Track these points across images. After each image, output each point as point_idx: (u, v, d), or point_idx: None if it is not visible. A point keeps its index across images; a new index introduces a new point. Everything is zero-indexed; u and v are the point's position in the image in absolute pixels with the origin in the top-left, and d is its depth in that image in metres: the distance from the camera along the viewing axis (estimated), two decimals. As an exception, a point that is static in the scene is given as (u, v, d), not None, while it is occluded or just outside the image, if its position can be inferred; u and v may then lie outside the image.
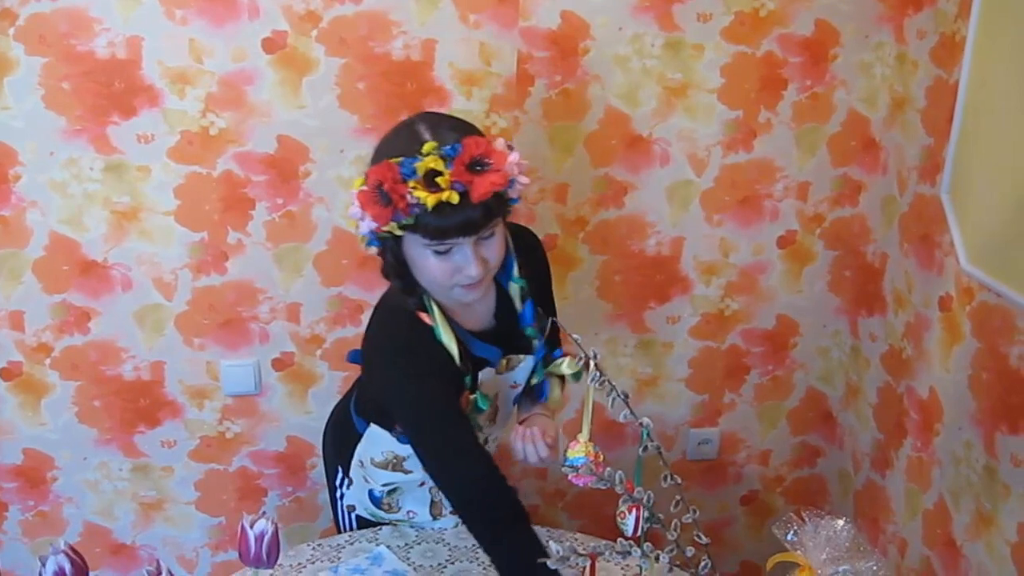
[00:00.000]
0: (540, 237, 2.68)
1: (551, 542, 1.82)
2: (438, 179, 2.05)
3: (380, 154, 2.15)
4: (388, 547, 2.64)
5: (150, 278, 3.15)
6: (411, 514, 2.71)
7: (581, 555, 1.84)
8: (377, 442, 2.57)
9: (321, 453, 2.96)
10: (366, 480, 2.67)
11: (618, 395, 2.01)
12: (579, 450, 2.09)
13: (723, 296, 3.45)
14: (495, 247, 2.20)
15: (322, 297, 3.23)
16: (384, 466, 2.59)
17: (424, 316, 2.30)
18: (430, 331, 2.29)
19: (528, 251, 2.50)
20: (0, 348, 3.16)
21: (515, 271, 2.38)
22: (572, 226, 3.29)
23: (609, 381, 2.01)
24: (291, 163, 3.09)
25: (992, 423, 2.73)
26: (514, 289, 2.41)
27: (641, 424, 2.04)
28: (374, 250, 2.25)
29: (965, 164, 2.84)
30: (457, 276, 2.18)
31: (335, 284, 3.20)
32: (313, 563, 2.57)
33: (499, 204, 2.14)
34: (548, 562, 1.88)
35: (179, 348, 3.23)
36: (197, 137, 3.03)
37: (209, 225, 3.12)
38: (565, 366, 2.30)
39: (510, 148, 2.16)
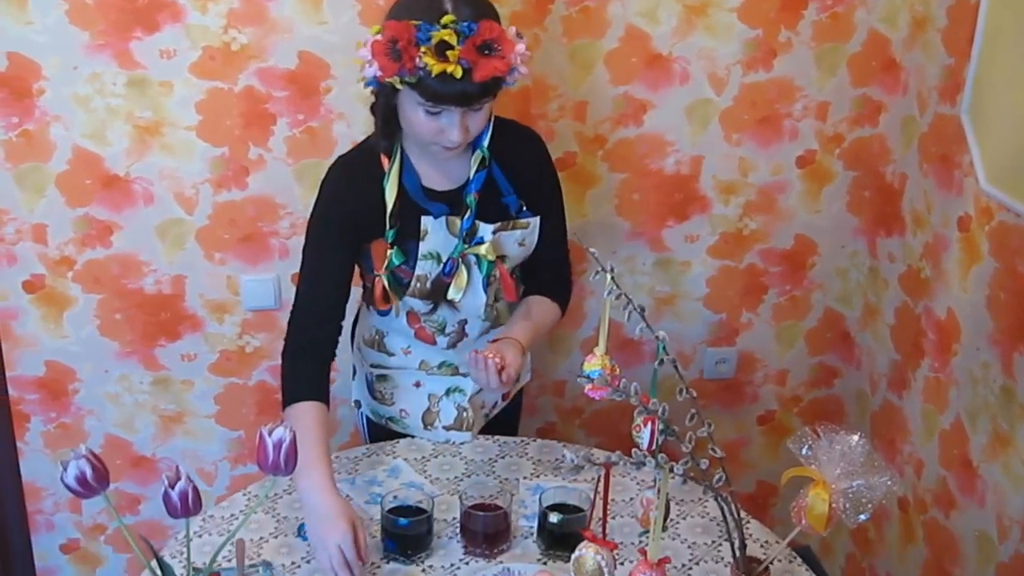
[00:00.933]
0: (559, 155, 2.71)
1: (566, 450, 1.84)
2: (448, 52, 2.19)
3: (401, 9, 2.27)
4: (405, 460, 2.68)
5: (172, 192, 3.16)
6: (403, 413, 2.77)
7: (595, 464, 1.86)
8: (365, 319, 2.74)
9: None
10: (362, 364, 2.79)
11: (634, 308, 2.02)
12: (595, 363, 2.10)
13: (741, 215, 3.46)
14: (481, 118, 2.38)
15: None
16: (371, 344, 2.74)
17: (385, 161, 2.48)
18: (380, 175, 2.48)
19: (522, 148, 2.62)
20: (23, 261, 3.18)
21: (485, 142, 2.48)
22: (591, 144, 3.30)
23: (625, 295, 2.02)
24: (312, 79, 3.10)
25: (1010, 343, 2.75)
26: (476, 156, 2.50)
27: (657, 337, 2.05)
28: (370, 90, 2.39)
29: (986, 84, 2.83)
30: (439, 136, 2.35)
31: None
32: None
33: (495, 85, 2.29)
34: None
35: (200, 262, 3.26)
36: (219, 53, 3.04)
37: (230, 140, 3.14)
38: (483, 249, 2.51)
39: (520, 37, 2.28)
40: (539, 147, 2.66)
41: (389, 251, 2.49)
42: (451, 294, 2.56)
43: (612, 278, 2.03)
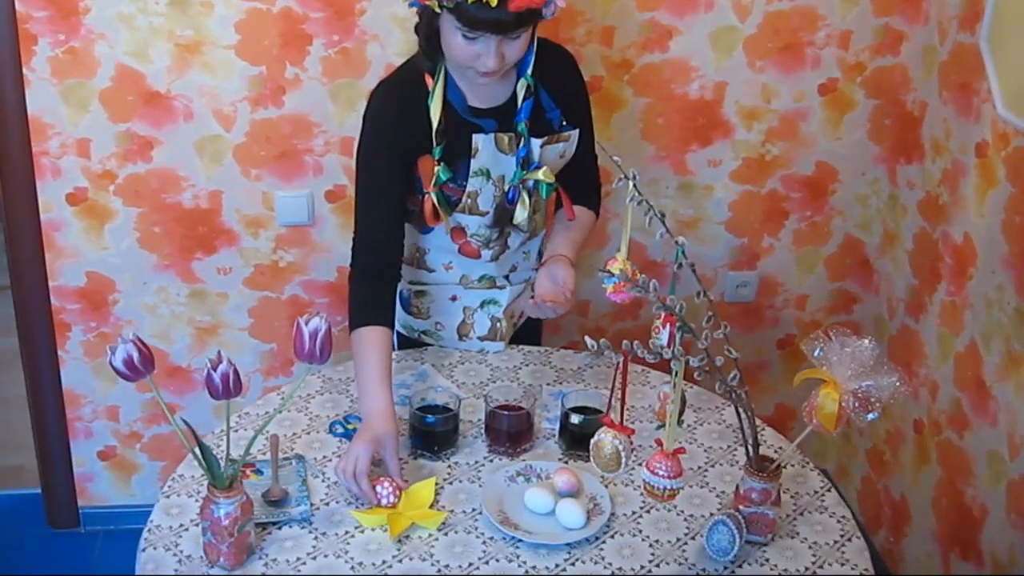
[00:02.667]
0: (587, 79, 2.77)
1: (586, 337, 1.92)
2: None
3: None
4: (433, 366, 2.77)
5: (210, 110, 3.24)
6: (439, 326, 2.85)
7: (614, 351, 1.94)
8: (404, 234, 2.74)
9: None
10: None
11: (655, 215, 2.08)
12: (617, 267, 2.17)
13: (764, 141, 3.52)
14: (518, 47, 2.41)
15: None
16: (410, 261, 2.78)
17: (429, 80, 2.53)
18: (425, 94, 2.53)
19: (557, 66, 2.67)
20: (67, 174, 3.26)
21: (529, 69, 2.54)
22: (617, 68, 3.36)
23: (646, 200, 2.08)
24: (347, 1, 3.16)
25: (1023, 266, 2.81)
26: (521, 84, 2.56)
27: (677, 242, 2.13)
28: (414, 10, 2.45)
29: (1004, 11, 2.88)
30: (475, 62, 2.40)
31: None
32: (362, 377, 2.71)
33: (531, 15, 2.34)
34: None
35: (236, 178, 3.33)
36: (258, -27, 3.11)
37: (268, 60, 3.20)
38: (542, 173, 2.58)
39: None
40: (573, 63, 2.73)
41: (436, 167, 2.55)
42: (517, 218, 2.65)
43: (635, 185, 2.10)
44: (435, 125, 2.52)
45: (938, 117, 3.27)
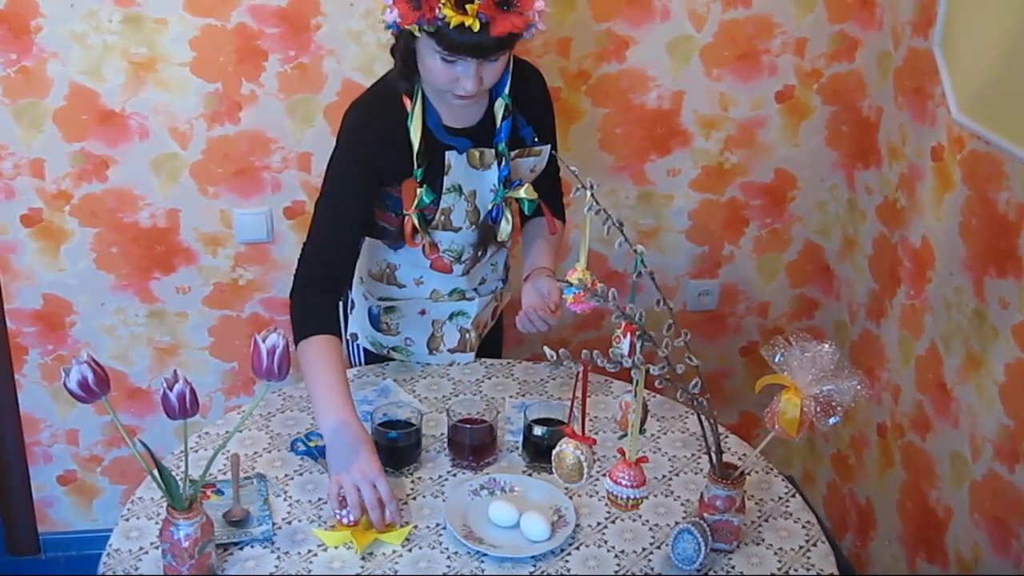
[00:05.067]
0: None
1: (545, 347, 1.91)
2: (468, 5, 2.24)
3: None
4: (394, 381, 2.76)
5: (166, 128, 3.22)
6: (408, 341, 2.83)
7: (574, 362, 1.93)
8: (373, 252, 2.75)
9: None
10: (366, 297, 2.81)
11: (613, 223, 2.07)
12: (576, 277, 2.17)
13: (723, 149, 3.52)
14: (496, 69, 2.41)
15: (332, 146, 3.26)
16: (379, 278, 2.77)
17: (407, 102, 2.51)
18: (402, 116, 2.52)
19: (528, 85, 2.67)
20: (21, 195, 3.24)
21: (506, 90, 2.55)
22: (575, 79, 3.36)
23: (604, 210, 2.08)
24: (302, 16, 3.15)
25: (981, 267, 2.82)
26: (499, 105, 2.57)
27: (636, 251, 2.12)
28: (391, 32, 2.42)
29: (956, 16, 2.90)
30: (454, 85, 2.39)
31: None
32: (324, 395, 2.69)
33: (512, 40, 2.34)
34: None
35: (194, 196, 3.31)
36: (211, -11, 3.10)
37: (223, 76, 3.19)
38: (523, 191, 2.59)
39: None
40: (541, 80, 2.74)
41: (419, 189, 2.54)
42: (502, 236, 2.67)
43: (592, 194, 2.10)
44: (416, 147, 2.51)
45: (894, 122, 3.29)
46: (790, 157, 3.57)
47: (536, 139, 2.66)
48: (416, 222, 2.57)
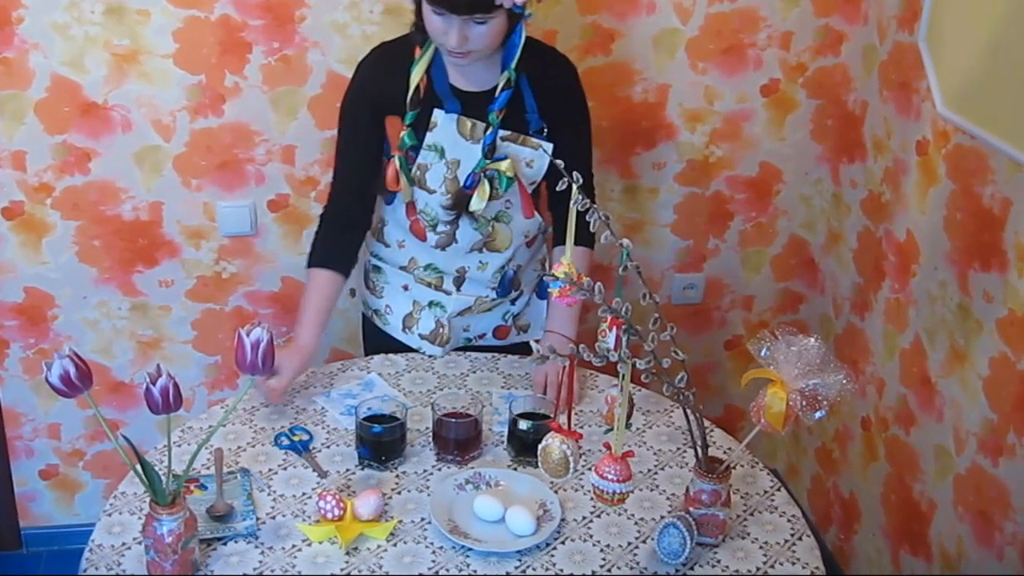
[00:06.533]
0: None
1: (531, 341, 1.91)
2: None
3: None
4: (379, 375, 2.75)
5: (149, 120, 3.20)
6: (388, 309, 2.89)
7: (560, 356, 1.93)
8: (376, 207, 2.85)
9: None
10: (364, 251, 2.91)
11: (600, 217, 2.07)
12: (561, 271, 2.15)
13: (708, 143, 3.52)
14: (483, 32, 2.46)
15: (316, 140, 3.29)
16: (373, 232, 2.88)
17: (418, 49, 2.62)
18: (410, 61, 2.62)
19: (552, 73, 2.72)
20: (2, 188, 3.22)
21: (513, 63, 2.57)
22: (561, 72, 3.35)
23: (590, 203, 2.07)
24: (287, 7, 3.14)
25: (965, 261, 2.83)
26: (503, 76, 2.60)
27: (621, 245, 2.11)
28: None
29: (942, 11, 2.90)
30: (443, 38, 2.47)
31: (329, 127, 3.22)
32: (307, 388, 2.69)
33: (485, 3, 2.40)
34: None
35: (177, 189, 3.30)
36: (195, -20, 3.08)
37: (207, 68, 3.18)
38: (504, 165, 2.60)
39: None
40: (570, 73, 2.76)
41: (403, 132, 2.61)
42: (473, 205, 2.65)
43: (578, 188, 2.09)
44: (411, 89, 2.59)
45: (879, 116, 3.29)
46: (775, 151, 3.57)
47: (543, 131, 2.67)
48: (397, 164, 2.64)
